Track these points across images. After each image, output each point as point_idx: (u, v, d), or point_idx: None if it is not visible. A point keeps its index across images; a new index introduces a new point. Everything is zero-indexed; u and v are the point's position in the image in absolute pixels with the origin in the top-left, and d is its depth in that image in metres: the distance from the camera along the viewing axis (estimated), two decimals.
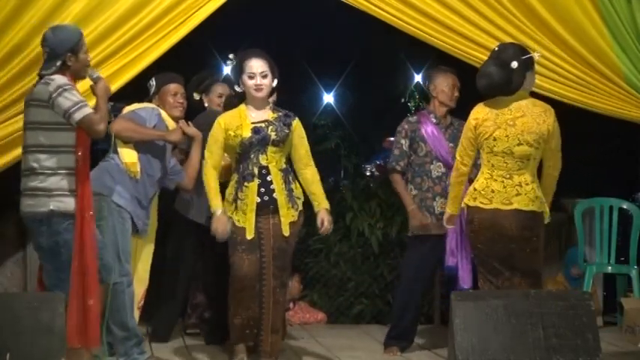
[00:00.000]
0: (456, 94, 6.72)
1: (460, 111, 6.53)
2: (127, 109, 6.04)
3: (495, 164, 5.70)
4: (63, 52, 5.27)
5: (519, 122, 5.66)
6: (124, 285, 5.78)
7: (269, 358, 5.96)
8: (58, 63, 5.27)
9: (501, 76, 5.65)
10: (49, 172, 5.24)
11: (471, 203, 5.75)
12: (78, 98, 5.22)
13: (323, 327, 7.88)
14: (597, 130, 8.13)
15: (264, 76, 5.94)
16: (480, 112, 5.77)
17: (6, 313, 4.98)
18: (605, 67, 6.80)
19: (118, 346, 5.87)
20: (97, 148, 6.57)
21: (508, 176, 5.68)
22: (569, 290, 7.50)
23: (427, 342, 7.03)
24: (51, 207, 5.22)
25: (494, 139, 5.66)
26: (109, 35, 6.24)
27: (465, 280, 6.53)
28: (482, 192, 5.70)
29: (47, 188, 5.23)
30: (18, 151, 6.09)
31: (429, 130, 6.64)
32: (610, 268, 7.82)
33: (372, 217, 8.08)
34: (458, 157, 5.88)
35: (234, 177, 5.98)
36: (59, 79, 5.22)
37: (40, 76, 5.29)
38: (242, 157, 5.93)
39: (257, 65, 5.95)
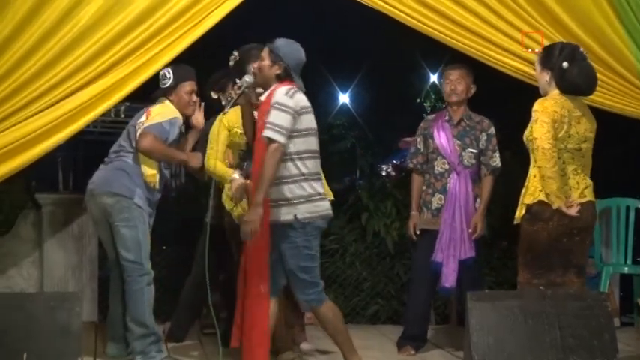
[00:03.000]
0: (460, 87, 6.71)
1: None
2: (152, 113, 6.04)
3: (566, 161, 5.78)
4: None
5: (583, 121, 5.82)
6: (144, 283, 5.85)
7: (287, 351, 6.01)
8: None
9: None
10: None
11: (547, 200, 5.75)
12: None
13: None
14: (613, 130, 8.10)
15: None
16: (556, 106, 5.77)
17: (23, 313, 5.00)
18: (620, 66, 6.76)
19: (135, 344, 5.92)
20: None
21: (577, 172, 5.80)
22: (586, 291, 7.48)
23: (443, 342, 7.02)
24: None
25: (570, 136, 5.76)
26: (125, 36, 6.22)
27: (448, 278, 6.50)
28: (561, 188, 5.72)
29: None
30: (34, 152, 6.14)
31: (438, 127, 6.70)
32: (626, 268, 7.80)
33: (388, 217, 8.08)
34: (549, 147, 5.61)
35: None
36: None
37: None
38: (247, 154, 5.94)
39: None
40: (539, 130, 5.66)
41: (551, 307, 5.30)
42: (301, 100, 5.42)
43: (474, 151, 6.64)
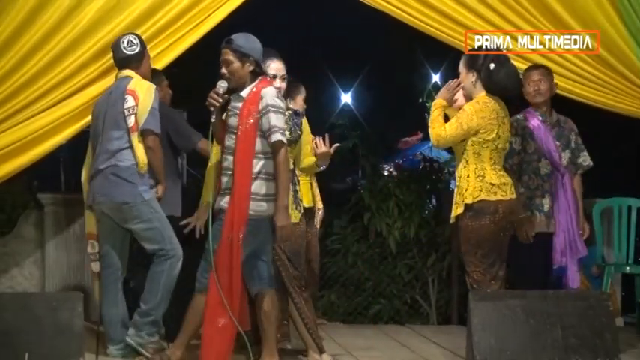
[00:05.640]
0: (543, 86, 6.53)
1: None
2: (138, 94, 5.88)
3: (496, 160, 5.88)
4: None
5: (505, 121, 5.92)
6: (166, 266, 6.02)
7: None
8: None
9: None
10: None
11: (492, 198, 5.80)
12: None
13: (341, 327, 7.88)
14: (615, 130, 8.10)
15: (284, 79, 5.85)
16: (487, 110, 5.83)
17: (25, 313, 5.01)
18: (623, 66, 6.77)
19: (135, 317, 6.06)
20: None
21: (504, 170, 5.94)
22: (588, 290, 7.48)
23: (445, 342, 7.02)
24: None
25: (499, 137, 5.85)
26: None
27: (574, 280, 6.51)
28: (500, 186, 5.83)
29: None
30: (36, 152, 6.16)
31: (535, 126, 6.52)
32: (628, 268, 7.79)
33: (390, 217, 8.07)
34: (451, 139, 5.84)
35: None
36: None
37: None
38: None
39: (279, 67, 5.85)
40: (452, 131, 5.79)
41: (553, 307, 5.30)
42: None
43: (569, 152, 6.58)
